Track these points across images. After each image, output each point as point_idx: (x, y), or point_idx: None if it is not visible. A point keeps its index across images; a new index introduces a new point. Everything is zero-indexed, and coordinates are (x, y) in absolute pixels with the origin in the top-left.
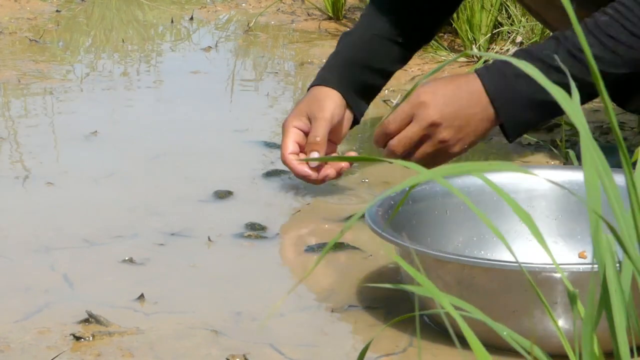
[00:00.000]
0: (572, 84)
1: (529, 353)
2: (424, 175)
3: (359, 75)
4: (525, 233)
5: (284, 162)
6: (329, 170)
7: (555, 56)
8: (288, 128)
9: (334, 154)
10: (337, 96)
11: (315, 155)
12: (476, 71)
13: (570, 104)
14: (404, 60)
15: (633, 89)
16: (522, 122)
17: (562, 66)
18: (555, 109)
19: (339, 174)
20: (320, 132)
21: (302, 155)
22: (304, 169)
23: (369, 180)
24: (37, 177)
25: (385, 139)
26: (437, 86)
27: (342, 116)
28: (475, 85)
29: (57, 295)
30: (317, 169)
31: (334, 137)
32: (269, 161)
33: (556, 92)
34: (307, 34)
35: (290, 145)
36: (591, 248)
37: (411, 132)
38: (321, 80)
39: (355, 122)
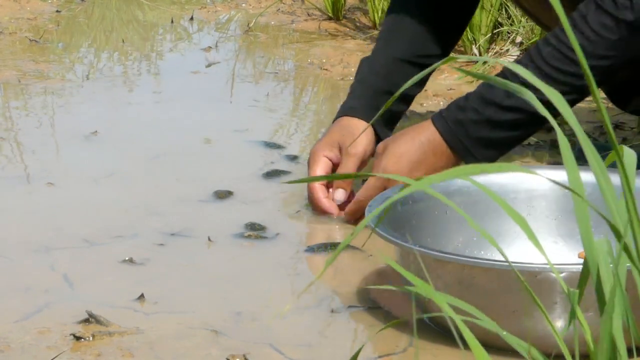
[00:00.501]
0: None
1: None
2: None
3: (384, 103)
4: (524, 233)
5: (310, 191)
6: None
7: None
8: (318, 156)
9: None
10: (370, 131)
11: (341, 192)
12: (434, 122)
13: (564, 106)
14: (424, 82)
15: (632, 90)
16: (484, 160)
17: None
18: (512, 141)
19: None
20: (351, 170)
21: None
22: (328, 206)
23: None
24: (37, 177)
25: (361, 212)
26: (401, 151)
27: (373, 149)
28: (436, 140)
29: (57, 295)
30: (341, 207)
31: (359, 167)
32: (269, 161)
33: (549, 92)
34: (307, 34)
35: (319, 174)
36: None
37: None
38: (351, 111)
39: None
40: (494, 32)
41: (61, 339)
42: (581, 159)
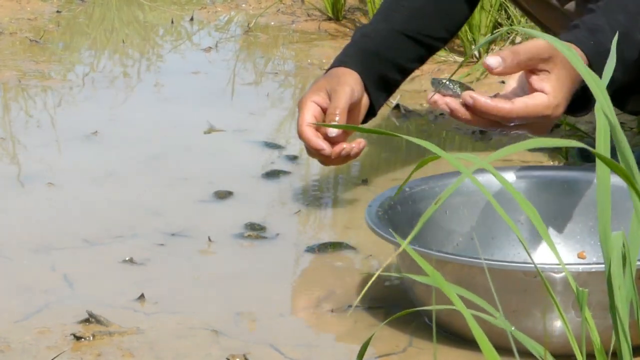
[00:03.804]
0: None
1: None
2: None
3: (376, 65)
4: (524, 233)
5: (300, 134)
6: (345, 144)
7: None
8: (306, 102)
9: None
10: (357, 76)
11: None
12: (579, 44)
13: (599, 86)
14: (420, 60)
15: (630, 90)
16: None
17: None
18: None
19: (356, 154)
20: (340, 104)
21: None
22: (319, 142)
23: (369, 180)
24: (37, 177)
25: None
26: (561, 100)
27: (361, 96)
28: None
29: (57, 295)
30: (332, 144)
31: (349, 122)
32: (269, 161)
33: (588, 76)
34: (307, 34)
35: (308, 118)
36: (590, 248)
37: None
38: (339, 63)
39: (372, 113)
40: (494, 32)
41: (61, 339)
42: (582, 158)
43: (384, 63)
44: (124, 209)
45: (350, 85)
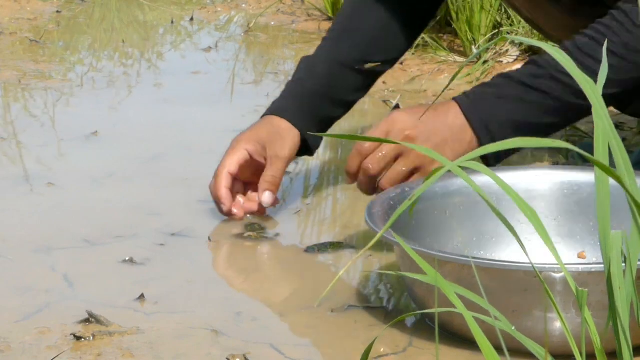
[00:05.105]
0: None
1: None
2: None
3: (319, 107)
4: (524, 233)
5: (215, 186)
6: (251, 205)
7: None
8: (239, 146)
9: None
10: (297, 136)
11: (268, 194)
12: (454, 98)
13: (593, 91)
14: (365, 88)
15: (630, 94)
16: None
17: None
18: (537, 130)
19: (263, 211)
20: (279, 174)
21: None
22: (232, 209)
23: None
24: (37, 177)
25: (359, 160)
26: (413, 109)
27: (296, 150)
28: (453, 109)
29: (57, 295)
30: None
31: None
32: None
33: (581, 79)
34: (307, 34)
35: (232, 165)
36: (590, 248)
37: (385, 148)
38: (281, 111)
39: (309, 154)
40: (494, 32)
41: (61, 339)
42: (582, 158)
43: (329, 103)
44: (124, 209)
45: (291, 150)
